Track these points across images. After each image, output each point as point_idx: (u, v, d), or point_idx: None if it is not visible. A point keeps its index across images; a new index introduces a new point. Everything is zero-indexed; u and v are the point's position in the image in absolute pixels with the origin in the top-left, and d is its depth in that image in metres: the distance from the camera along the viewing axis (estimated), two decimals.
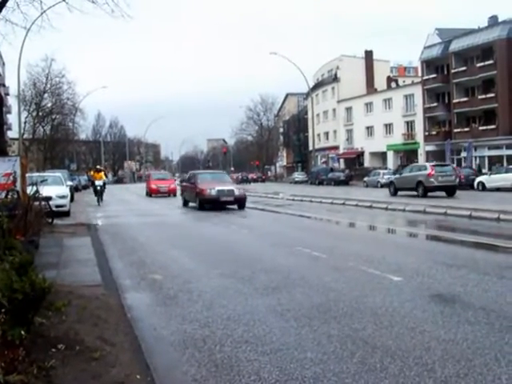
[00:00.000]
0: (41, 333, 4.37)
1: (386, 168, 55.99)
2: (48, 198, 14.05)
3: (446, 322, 5.21)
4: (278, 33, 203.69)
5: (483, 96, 50.15)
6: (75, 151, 71.58)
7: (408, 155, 62.08)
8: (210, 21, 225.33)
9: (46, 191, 11.94)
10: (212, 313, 5.80)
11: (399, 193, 28.73)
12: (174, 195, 33.15)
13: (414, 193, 27.11)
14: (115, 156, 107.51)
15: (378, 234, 14.19)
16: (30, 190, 10.44)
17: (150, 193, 34.60)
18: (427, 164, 30.80)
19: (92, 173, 31.57)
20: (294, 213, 19.64)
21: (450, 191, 26.72)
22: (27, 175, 11.69)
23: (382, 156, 66.08)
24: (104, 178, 28.98)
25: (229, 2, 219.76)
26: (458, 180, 28.11)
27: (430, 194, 26.51)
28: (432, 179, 26.62)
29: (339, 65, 75.46)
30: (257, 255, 9.74)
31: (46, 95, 59.56)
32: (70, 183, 25.54)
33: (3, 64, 60.41)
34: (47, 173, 24.64)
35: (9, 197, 10.01)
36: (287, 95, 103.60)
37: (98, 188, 27.11)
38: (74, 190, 32.50)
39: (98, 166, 32.17)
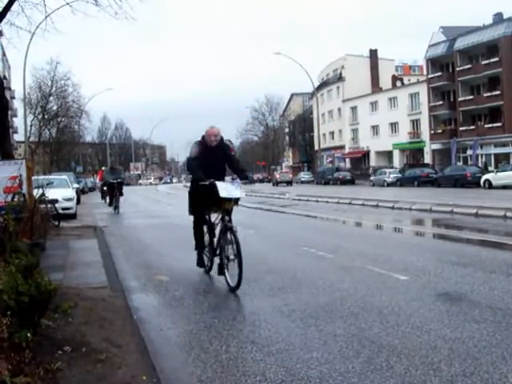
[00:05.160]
0: (47, 335, 4.38)
1: (392, 167, 55.91)
2: (54, 201, 14.16)
3: (452, 321, 5.19)
4: (282, 32, 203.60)
5: (488, 94, 50.04)
6: (81, 154, 71.96)
7: (414, 154, 62.01)
8: (211, 21, 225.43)
9: (52, 194, 12.01)
10: (218, 314, 5.80)
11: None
12: None
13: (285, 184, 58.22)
14: (121, 158, 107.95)
15: (384, 233, 14.14)
16: (36, 192, 10.46)
17: None
18: (276, 173, 71.12)
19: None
20: (300, 213, 19.62)
21: (288, 183, 59.03)
22: (33, 178, 11.71)
23: (388, 155, 65.99)
24: None
25: (231, 2, 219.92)
26: (291, 178, 62.77)
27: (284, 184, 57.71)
28: (278, 178, 61.37)
29: (344, 64, 75.46)
30: (262, 256, 9.71)
31: (51, 98, 59.98)
32: (76, 186, 25.65)
33: (9, 67, 60.81)
34: (53, 175, 24.70)
35: (15, 200, 10.05)
36: (292, 95, 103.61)
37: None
38: (81, 192, 32.65)
39: None
